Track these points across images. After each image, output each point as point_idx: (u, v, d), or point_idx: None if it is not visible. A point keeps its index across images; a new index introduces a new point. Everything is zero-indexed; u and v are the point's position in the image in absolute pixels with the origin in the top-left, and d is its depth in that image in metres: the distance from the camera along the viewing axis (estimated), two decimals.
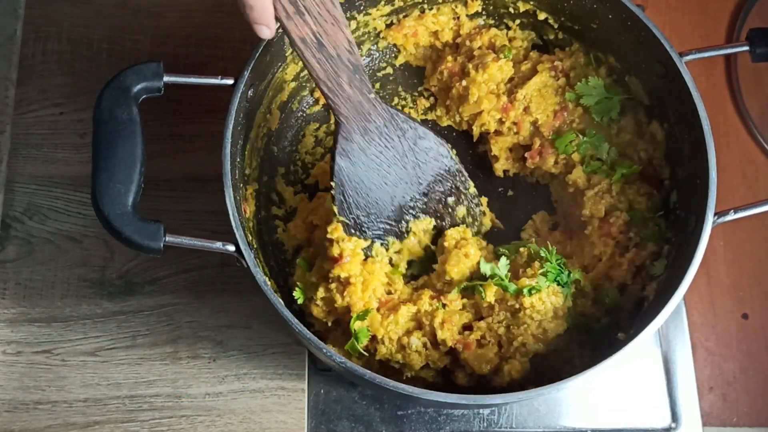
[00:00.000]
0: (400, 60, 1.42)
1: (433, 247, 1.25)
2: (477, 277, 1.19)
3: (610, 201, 1.25)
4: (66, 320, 1.32)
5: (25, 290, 1.34)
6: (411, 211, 1.22)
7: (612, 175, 1.26)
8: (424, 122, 1.38)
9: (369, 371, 1.06)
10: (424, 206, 1.23)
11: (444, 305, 1.18)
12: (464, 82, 1.32)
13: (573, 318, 1.20)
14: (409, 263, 1.26)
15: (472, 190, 1.27)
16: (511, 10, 1.35)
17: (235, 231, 1.09)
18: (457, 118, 1.37)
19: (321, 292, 1.19)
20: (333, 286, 1.17)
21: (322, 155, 1.38)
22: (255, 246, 1.21)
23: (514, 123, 1.30)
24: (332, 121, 1.39)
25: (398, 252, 1.24)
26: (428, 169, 1.21)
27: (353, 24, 1.33)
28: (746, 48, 1.21)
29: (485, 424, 1.32)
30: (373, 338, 1.17)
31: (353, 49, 1.10)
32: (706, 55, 1.20)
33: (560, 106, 1.30)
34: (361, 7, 1.32)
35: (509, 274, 1.18)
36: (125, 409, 1.29)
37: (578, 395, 1.34)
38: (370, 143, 1.15)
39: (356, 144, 1.14)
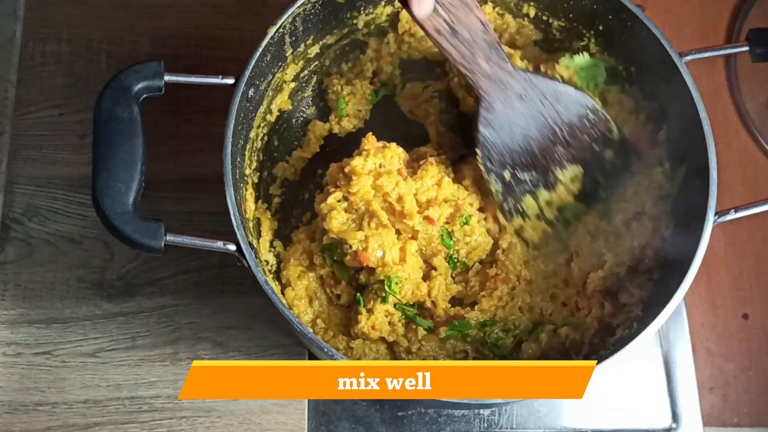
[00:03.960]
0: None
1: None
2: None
3: None
4: (66, 321, 1.32)
5: (25, 291, 1.33)
6: (557, 161, 1.27)
7: None
8: None
9: None
10: (571, 155, 1.27)
11: None
12: None
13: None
14: (560, 210, 1.30)
15: (615, 134, 1.28)
16: (514, 9, 1.36)
17: (236, 230, 1.08)
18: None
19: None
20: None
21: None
22: (255, 246, 1.21)
23: None
24: (333, 117, 1.39)
25: (548, 203, 1.28)
26: (569, 119, 1.25)
27: (359, 22, 1.35)
28: (746, 48, 1.21)
29: (486, 425, 1.32)
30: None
31: (487, 29, 1.19)
32: (706, 55, 1.21)
33: None
34: (361, 8, 1.33)
35: None
36: (125, 411, 1.28)
37: None
38: (511, 108, 1.23)
39: (497, 112, 1.23)
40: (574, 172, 1.27)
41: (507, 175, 1.25)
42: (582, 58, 1.30)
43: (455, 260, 1.28)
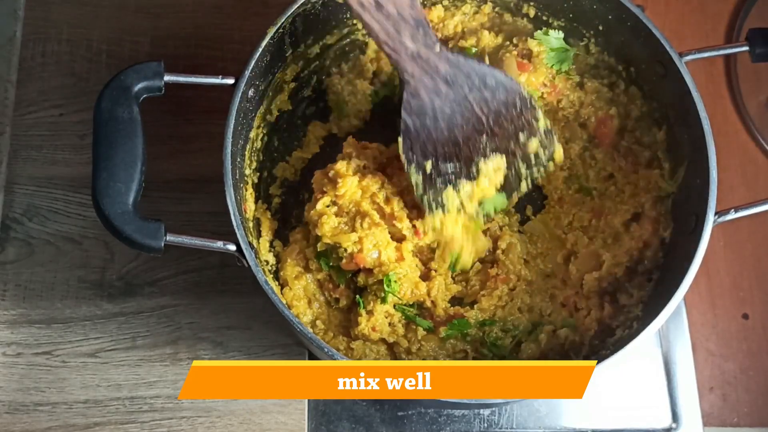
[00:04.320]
0: None
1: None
2: None
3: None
4: (66, 322, 1.32)
5: (25, 292, 1.33)
6: (480, 150, 1.20)
7: None
8: None
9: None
10: (495, 145, 1.20)
11: None
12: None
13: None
14: (481, 203, 1.24)
15: (542, 123, 1.21)
16: (514, 9, 1.36)
17: (236, 230, 1.09)
18: None
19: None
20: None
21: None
22: (255, 246, 1.21)
23: None
24: (333, 117, 1.40)
25: (470, 195, 1.22)
26: (496, 106, 1.18)
27: (359, 22, 1.34)
28: (746, 48, 1.21)
29: (486, 425, 1.32)
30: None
31: (414, 3, 1.09)
32: (706, 55, 1.21)
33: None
34: None
35: None
36: (125, 411, 1.28)
37: None
38: (437, 93, 1.15)
39: (423, 98, 1.15)
40: (498, 162, 1.21)
41: (429, 166, 1.18)
42: (556, 38, 1.29)
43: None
